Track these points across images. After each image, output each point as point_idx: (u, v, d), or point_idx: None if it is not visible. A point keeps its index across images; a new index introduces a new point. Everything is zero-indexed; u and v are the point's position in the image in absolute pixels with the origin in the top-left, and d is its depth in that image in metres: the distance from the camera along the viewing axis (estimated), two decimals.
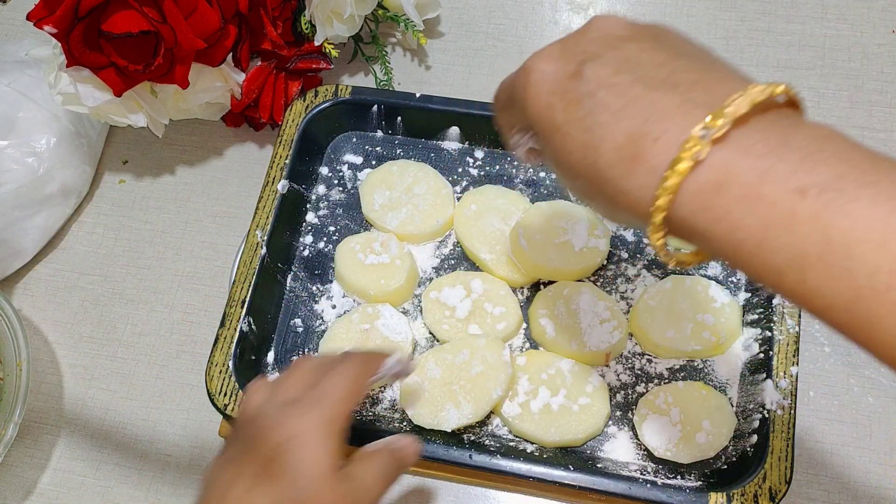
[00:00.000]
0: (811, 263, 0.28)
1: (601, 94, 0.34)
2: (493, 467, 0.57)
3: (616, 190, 0.33)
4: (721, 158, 0.30)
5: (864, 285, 0.27)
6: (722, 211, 0.30)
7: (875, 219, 0.27)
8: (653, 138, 0.31)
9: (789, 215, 0.28)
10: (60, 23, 0.60)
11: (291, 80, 0.74)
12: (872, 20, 0.77)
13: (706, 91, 0.32)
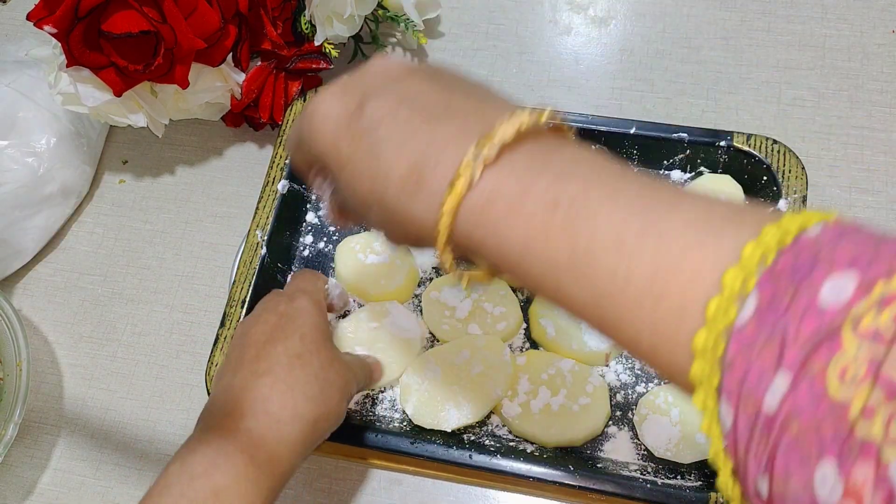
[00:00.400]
0: (562, 270, 0.31)
1: (383, 128, 0.35)
2: (493, 467, 0.57)
3: (404, 216, 0.35)
4: (490, 179, 0.32)
5: (605, 288, 0.30)
6: (491, 226, 0.32)
7: (612, 226, 0.30)
8: (433, 165, 0.33)
9: (543, 227, 0.31)
10: (60, 23, 0.60)
11: (291, 80, 0.74)
12: (872, 20, 0.77)
13: (481, 120, 0.34)
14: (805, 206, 0.62)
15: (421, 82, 0.37)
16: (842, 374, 0.24)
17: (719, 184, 0.65)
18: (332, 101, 0.38)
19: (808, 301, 0.25)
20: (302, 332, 0.51)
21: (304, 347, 0.50)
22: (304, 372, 0.49)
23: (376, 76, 0.38)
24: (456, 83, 0.38)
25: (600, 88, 0.77)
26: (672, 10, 0.79)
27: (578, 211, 0.31)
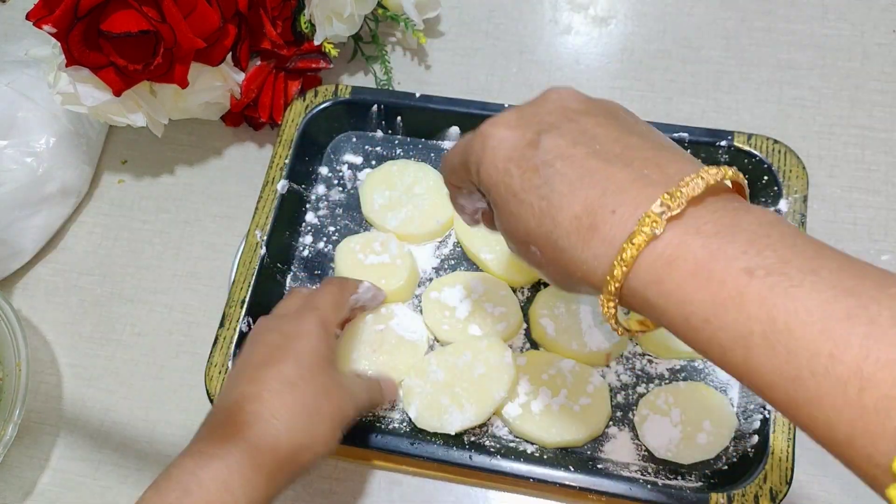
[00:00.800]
0: (755, 342, 0.30)
1: (558, 165, 0.35)
2: (493, 468, 0.57)
3: (571, 258, 0.35)
4: (675, 235, 0.32)
5: (804, 367, 0.28)
6: (673, 285, 0.32)
7: (817, 304, 0.28)
8: (609, 210, 0.33)
9: (737, 294, 0.30)
10: (60, 22, 0.60)
11: (291, 79, 0.74)
12: (873, 20, 0.77)
13: (659, 169, 0.34)
14: (805, 205, 0.62)
15: (598, 120, 0.37)
16: None
17: None
18: (507, 128, 0.38)
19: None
20: (298, 356, 0.50)
21: (298, 373, 0.49)
22: (294, 400, 0.48)
23: (554, 110, 0.38)
24: (633, 125, 0.38)
25: (600, 88, 0.77)
26: (672, 10, 0.79)
27: (777, 283, 0.29)
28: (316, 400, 0.49)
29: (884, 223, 0.68)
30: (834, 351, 0.28)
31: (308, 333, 0.52)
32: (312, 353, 0.51)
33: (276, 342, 0.51)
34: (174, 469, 0.46)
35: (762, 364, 0.30)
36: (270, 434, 0.47)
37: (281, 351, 0.51)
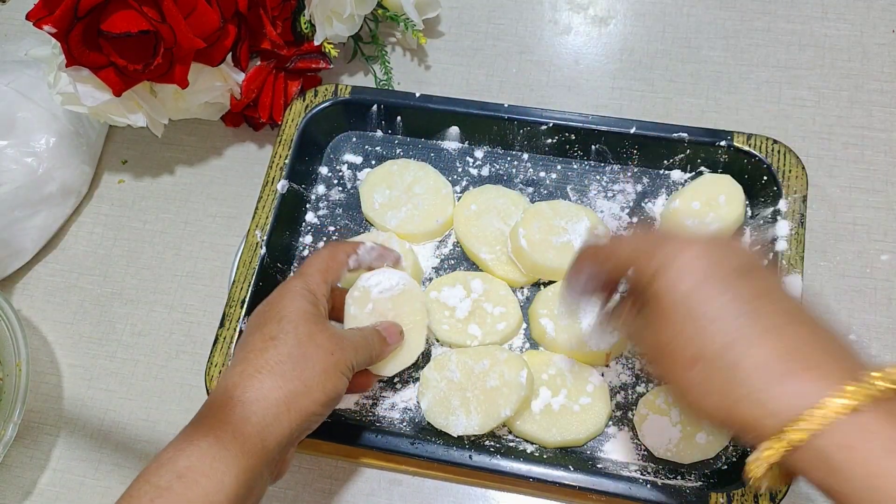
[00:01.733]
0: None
1: (763, 303, 0.37)
2: (493, 468, 0.57)
3: (752, 393, 0.35)
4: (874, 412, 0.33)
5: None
6: (866, 451, 0.33)
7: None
8: (806, 367, 0.35)
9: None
10: (60, 22, 0.60)
11: (291, 79, 0.74)
12: (872, 20, 0.77)
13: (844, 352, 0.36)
14: (805, 205, 0.62)
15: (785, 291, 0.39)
16: None
17: (719, 184, 0.65)
18: (714, 247, 0.39)
19: None
20: (280, 315, 0.51)
21: (279, 329, 0.50)
22: (277, 352, 0.49)
23: (750, 257, 0.40)
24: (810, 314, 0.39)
25: (600, 88, 0.77)
26: (672, 10, 0.79)
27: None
28: (300, 347, 0.50)
29: (883, 223, 0.68)
30: None
31: (290, 293, 0.53)
32: (294, 310, 0.51)
33: (262, 310, 0.53)
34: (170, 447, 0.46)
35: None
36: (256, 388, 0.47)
37: (264, 317, 0.52)
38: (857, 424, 0.33)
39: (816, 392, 0.34)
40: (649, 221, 0.67)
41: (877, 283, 0.66)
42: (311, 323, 0.51)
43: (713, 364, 0.37)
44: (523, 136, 0.69)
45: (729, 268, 0.38)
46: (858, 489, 0.33)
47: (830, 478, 0.34)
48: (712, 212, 0.64)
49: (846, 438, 0.33)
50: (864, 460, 0.33)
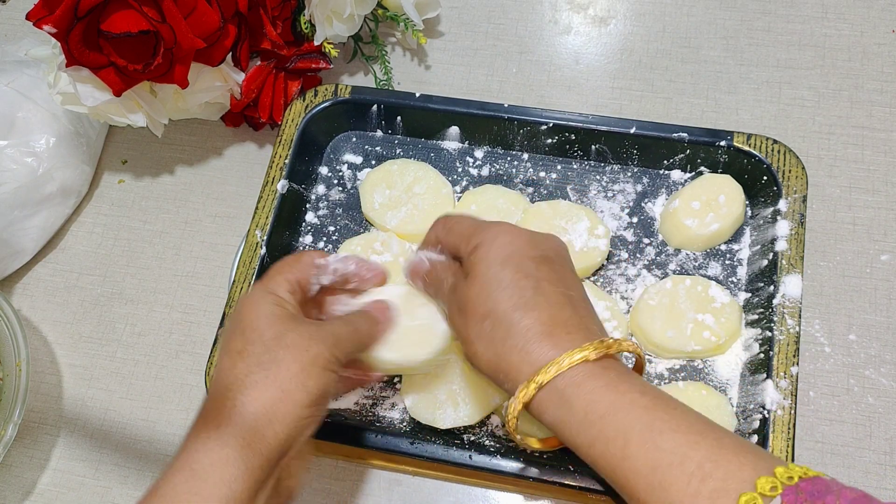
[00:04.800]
0: (634, 437, 0.42)
1: (544, 284, 0.48)
2: (493, 468, 0.57)
3: (520, 346, 0.46)
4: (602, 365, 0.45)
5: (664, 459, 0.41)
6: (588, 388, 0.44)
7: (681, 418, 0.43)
8: (566, 331, 0.46)
9: (630, 402, 0.43)
10: (60, 22, 0.60)
11: (291, 79, 0.74)
12: (872, 20, 0.77)
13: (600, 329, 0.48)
14: (805, 205, 0.62)
15: (573, 276, 0.50)
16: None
17: (719, 184, 0.65)
18: (520, 239, 0.49)
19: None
20: (243, 326, 0.48)
21: (245, 340, 0.47)
22: (245, 364, 0.46)
23: (553, 249, 0.50)
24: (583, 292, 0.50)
25: (600, 88, 0.77)
26: (672, 10, 0.79)
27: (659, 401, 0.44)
28: (269, 353, 0.46)
29: (883, 223, 0.68)
30: (688, 452, 0.41)
31: (249, 302, 0.49)
32: (256, 317, 0.48)
33: (226, 329, 0.50)
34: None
35: (634, 454, 0.42)
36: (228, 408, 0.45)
37: (229, 334, 0.49)
38: (586, 369, 0.44)
39: (564, 347, 0.45)
40: (649, 221, 0.67)
41: (877, 283, 0.66)
42: (277, 324, 0.48)
43: (498, 320, 0.47)
44: (523, 136, 0.69)
45: (529, 254, 0.49)
46: (579, 413, 0.44)
47: (561, 409, 0.45)
48: (712, 212, 0.64)
49: (576, 378, 0.44)
50: (585, 392, 0.44)
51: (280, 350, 0.46)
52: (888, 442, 0.61)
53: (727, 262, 0.65)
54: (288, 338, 0.47)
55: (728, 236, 0.65)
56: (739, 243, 0.65)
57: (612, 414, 0.43)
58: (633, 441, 0.42)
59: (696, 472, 0.40)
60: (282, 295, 0.50)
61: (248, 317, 0.48)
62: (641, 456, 0.42)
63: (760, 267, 0.62)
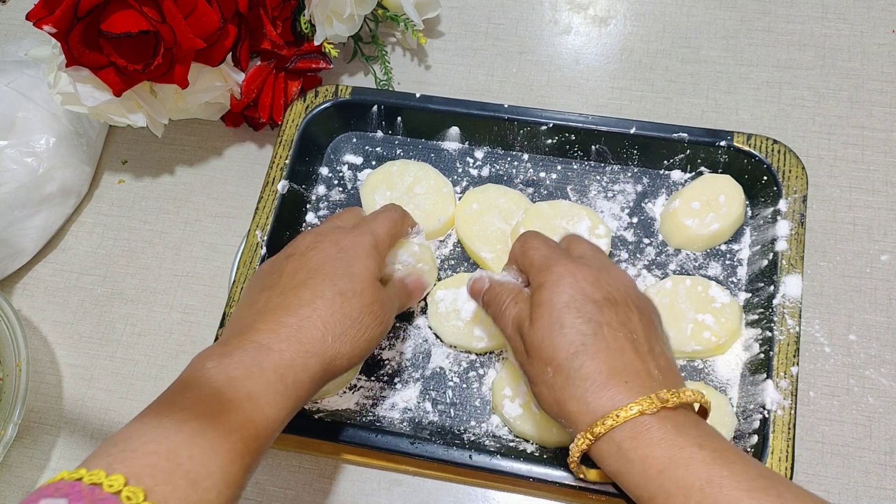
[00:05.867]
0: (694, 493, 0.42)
1: (605, 329, 0.48)
2: (493, 468, 0.57)
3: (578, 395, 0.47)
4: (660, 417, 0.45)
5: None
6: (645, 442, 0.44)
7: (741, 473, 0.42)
8: (623, 380, 0.46)
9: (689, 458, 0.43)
10: (60, 22, 0.60)
11: (291, 79, 0.74)
12: (872, 20, 0.77)
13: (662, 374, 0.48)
14: (805, 205, 0.62)
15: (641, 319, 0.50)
16: None
17: (719, 184, 0.65)
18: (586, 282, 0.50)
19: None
20: (353, 271, 0.52)
21: (350, 287, 0.51)
22: (343, 312, 0.51)
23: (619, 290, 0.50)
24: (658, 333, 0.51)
25: (600, 88, 0.77)
26: (672, 10, 0.79)
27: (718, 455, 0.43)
28: (362, 314, 0.51)
29: (883, 223, 0.68)
30: None
31: (363, 255, 0.53)
32: (364, 270, 0.53)
33: (333, 255, 0.53)
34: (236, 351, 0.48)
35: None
36: (317, 339, 0.49)
37: (335, 264, 0.53)
38: (643, 424, 0.45)
39: (622, 400, 0.45)
40: (649, 221, 0.67)
41: (877, 283, 0.66)
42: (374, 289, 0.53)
43: (559, 367, 0.48)
44: (523, 136, 0.69)
45: (592, 297, 0.49)
46: (638, 466, 0.44)
47: (619, 461, 0.45)
48: (712, 212, 0.64)
49: (633, 433, 0.45)
50: (643, 446, 0.44)
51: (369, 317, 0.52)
52: (888, 442, 0.61)
53: (727, 263, 0.65)
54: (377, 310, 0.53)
55: (728, 236, 0.65)
56: (739, 243, 0.65)
57: (671, 470, 0.43)
58: (692, 497, 0.42)
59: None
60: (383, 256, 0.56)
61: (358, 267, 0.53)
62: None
63: (760, 267, 0.62)
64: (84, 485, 0.37)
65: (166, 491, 0.39)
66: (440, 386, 0.63)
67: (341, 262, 0.53)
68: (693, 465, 0.43)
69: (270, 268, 0.55)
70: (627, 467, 0.45)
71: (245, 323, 0.50)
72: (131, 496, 0.37)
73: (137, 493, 0.37)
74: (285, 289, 0.52)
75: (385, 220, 0.58)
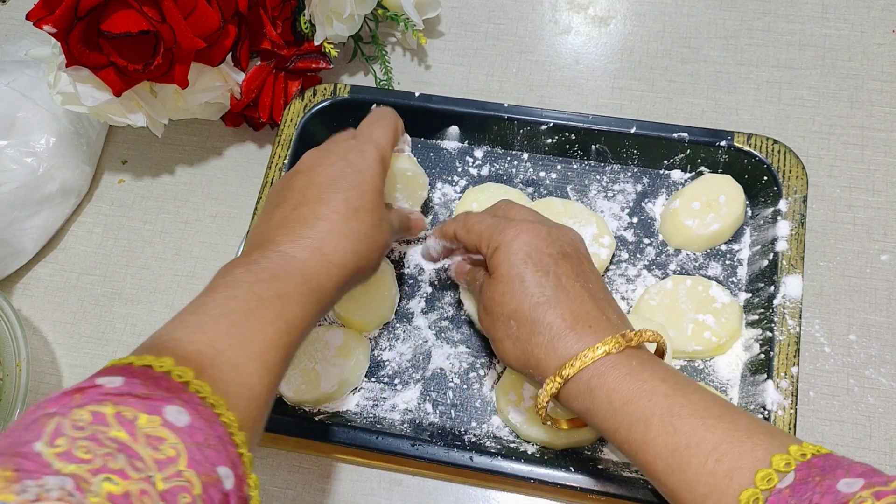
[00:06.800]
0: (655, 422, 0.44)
1: (564, 280, 0.50)
2: (494, 469, 0.57)
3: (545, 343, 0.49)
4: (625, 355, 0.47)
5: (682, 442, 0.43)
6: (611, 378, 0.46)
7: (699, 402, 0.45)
8: (587, 325, 0.48)
9: (651, 389, 0.45)
10: (60, 22, 0.60)
11: (291, 79, 0.74)
12: (872, 20, 0.77)
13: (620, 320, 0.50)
14: (805, 205, 0.62)
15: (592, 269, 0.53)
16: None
17: (720, 184, 0.65)
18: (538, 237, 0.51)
19: (829, 486, 0.37)
20: (363, 187, 0.54)
21: (362, 203, 0.53)
22: (358, 227, 0.52)
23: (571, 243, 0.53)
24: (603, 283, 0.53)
25: (600, 88, 0.77)
26: (672, 10, 0.79)
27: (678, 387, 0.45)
28: (372, 229, 0.53)
29: (883, 223, 0.68)
30: (706, 434, 0.43)
31: (371, 168, 0.55)
32: (373, 187, 0.54)
33: (342, 170, 0.54)
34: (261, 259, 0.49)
35: (655, 438, 0.44)
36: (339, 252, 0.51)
37: (346, 179, 0.54)
38: (609, 361, 0.47)
39: (589, 342, 0.47)
40: (649, 221, 0.67)
41: (877, 283, 0.66)
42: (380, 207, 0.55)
43: (523, 318, 0.50)
44: (523, 135, 0.69)
45: (547, 251, 0.51)
46: (604, 402, 0.46)
47: (588, 399, 0.47)
48: (712, 212, 0.64)
49: (600, 370, 0.47)
50: (609, 382, 0.46)
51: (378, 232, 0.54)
52: (888, 442, 0.61)
53: (727, 263, 0.65)
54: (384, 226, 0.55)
55: (728, 236, 0.65)
56: (740, 243, 0.65)
57: (634, 402, 0.45)
58: (653, 426, 0.44)
59: (713, 453, 0.42)
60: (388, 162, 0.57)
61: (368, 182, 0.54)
62: (661, 440, 0.44)
63: (761, 267, 0.62)
64: (136, 367, 0.39)
65: (213, 373, 0.40)
66: (441, 387, 0.63)
67: (351, 178, 0.54)
68: (655, 396, 0.45)
69: (281, 185, 0.56)
70: (595, 404, 0.47)
71: (265, 237, 0.51)
72: (182, 374, 0.39)
73: (187, 373, 0.39)
74: (298, 204, 0.53)
75: (386, 130, 0.58)
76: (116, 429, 0.34)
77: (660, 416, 0.44)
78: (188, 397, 0.38)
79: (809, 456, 0.40)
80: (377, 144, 0.56)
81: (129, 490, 0.32)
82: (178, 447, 0.35)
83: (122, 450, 0.34)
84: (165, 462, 0.34)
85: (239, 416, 0.40)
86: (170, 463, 0.35)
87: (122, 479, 0.32)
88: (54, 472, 0.31)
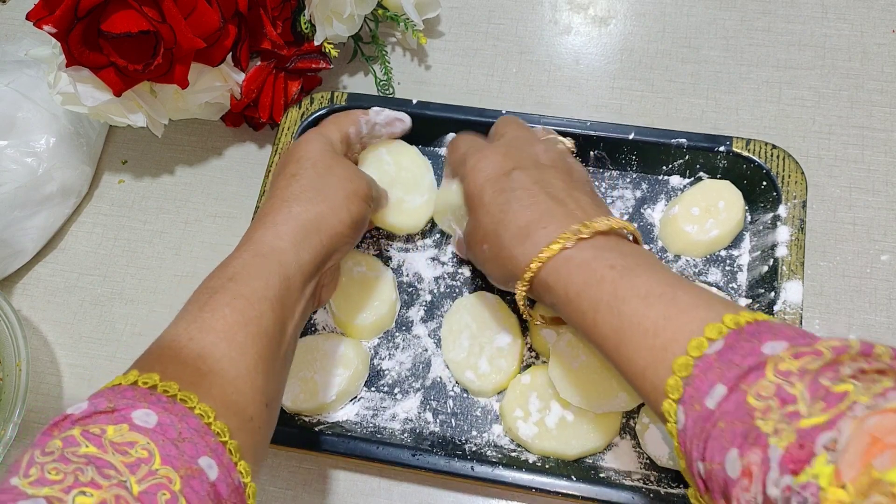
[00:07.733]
0: (603, 308, 0.46)
1: (518, 192, 0.52)
2: (495, 479, 0.57)
3: (508, 254, 0.51)
4: (578, 248, 0.48)
5: (626, 322, 0.45)
6: (566, 272, 0.48)
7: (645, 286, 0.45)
8: (542, 227, 0.50)
9: (600, 277, 0.47)
10: (60, 22, 0.60)
11: (291, 79, 0.74)
12: (872, 20, 0.77)
13: (584, 212, 0.51)
14: (805, 210, 0.62)
15: (557, 173, 0.54)
16: (758, 391, 0.37)
17: (719, 189, 0.64)
18: (492, 161, 0.54)
19: (753, 348, 0.39)
20: (298, 156, 0.57)
21: (299, 167, 0.56)
22: (299, 184, 0.55)
23: (529, 156, 0.55)
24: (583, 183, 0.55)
25: (600, 88, 0.77)
26: (672, 10, 0.79)
27: (626, 272, 0.46)
28: (320, 178, 0.56)
29: (883, 223, 0.68)
30: (646, 312, 0.44)
31: (305, 140, 0.59)
32: (311, 150, 0.58)
33: (281, 160, 0.59)
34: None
35: (602, 322, 0.46)
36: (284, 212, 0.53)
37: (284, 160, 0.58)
38: (564, 257, 0.48)
39: (542, 242, 0.49)
40: (648, 227, 0.67)
41: (877, 283, 0.66)
42: (328, 158, 0.57)
43: (489, 240, 0.52)
44: None
45: (504, 169, 0.53)
46: (562, 295, 0.48)
47: (550, 295, 0.49)
48: (712, 217, 0.64)
49: (555, 267, 0.48)
50: (563, 276, 0.48)
51: (330, 177, 0.56)
52: None
53: (727, 268, 0.65)
54: (336, 170, 0.57)
55: (728, 242, 0.65)
56: (739, 249, 0.65)
57: (585, 291, 0.47)
58: (601, 311, 0.46)
59: (651, 328, 0.43)
60: (332, 138, 0.60)
61: (304, 150, 0.58)
62: (606, 323, 0.46)
63: (761, 273, 0.62)
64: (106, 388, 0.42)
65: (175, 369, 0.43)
66: (441, 396, 0.63)
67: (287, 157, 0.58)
68: (604, 284, 0.46)
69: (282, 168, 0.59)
70: (556, 298, 0.49)
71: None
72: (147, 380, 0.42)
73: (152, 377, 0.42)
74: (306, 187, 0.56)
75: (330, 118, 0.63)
76: (85, 446, 0.36)
77: (606, 301, 0.46)
78: (154, 398, 0.40)
79: (744, 324, 0.41)
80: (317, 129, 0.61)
81: (104, 498, 0.33)
82: (150, 447, 0.37)
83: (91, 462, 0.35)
84: (136, 463, 0.35)
85: (214, 404, 0.42)
86: (142, 464, 0.36)
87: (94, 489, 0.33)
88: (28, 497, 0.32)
